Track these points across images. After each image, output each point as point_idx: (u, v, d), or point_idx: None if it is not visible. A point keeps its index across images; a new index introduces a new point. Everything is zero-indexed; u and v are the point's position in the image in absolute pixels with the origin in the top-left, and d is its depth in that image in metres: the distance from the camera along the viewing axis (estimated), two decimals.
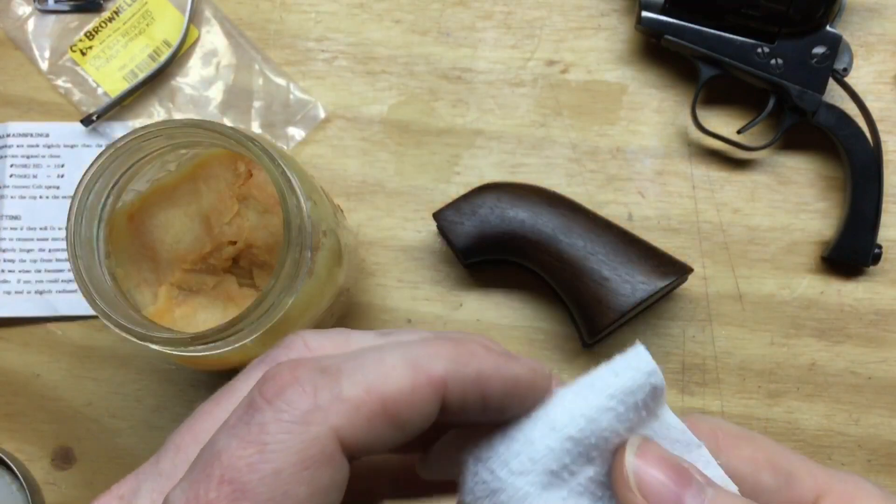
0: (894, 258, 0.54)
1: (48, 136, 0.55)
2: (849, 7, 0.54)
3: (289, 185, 0.37)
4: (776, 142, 0.53)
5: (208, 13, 0.56)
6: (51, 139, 0.55)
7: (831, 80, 0.52)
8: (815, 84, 0.52)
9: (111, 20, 0.56)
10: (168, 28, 0.56)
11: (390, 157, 0.55)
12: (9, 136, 0.55)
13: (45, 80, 0.56)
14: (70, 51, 0.56)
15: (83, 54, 0.56)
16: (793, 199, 0.54)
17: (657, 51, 0.55)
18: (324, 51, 0.56)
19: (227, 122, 0.56)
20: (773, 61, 0.52)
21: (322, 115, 0.55)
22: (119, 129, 0.55)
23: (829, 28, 0.51)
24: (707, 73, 0.53)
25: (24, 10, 0.56)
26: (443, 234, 0.52)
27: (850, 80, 0.53)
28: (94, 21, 0.56)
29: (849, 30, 0.55)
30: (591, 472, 0.24)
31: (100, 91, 0.56)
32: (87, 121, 0.54)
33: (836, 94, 0.53)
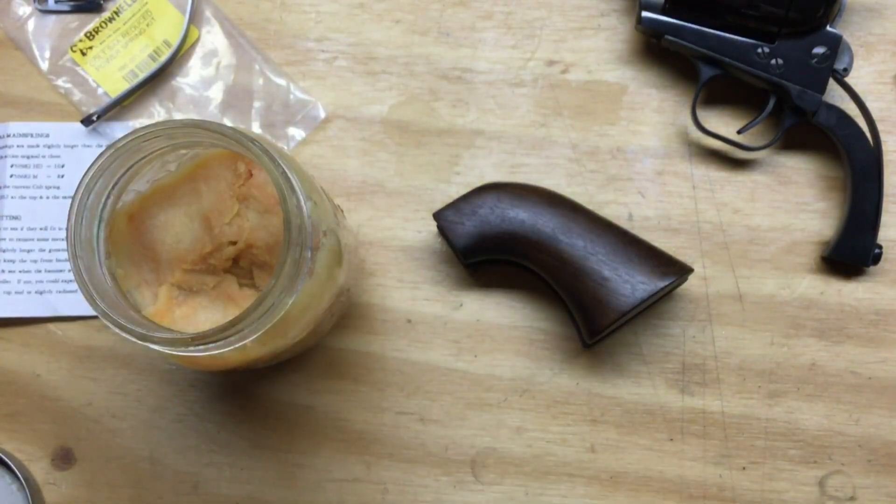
0: (894, 258, 0.54)
1: (48, 136, 0.55)
2: (849, 7, 0.54)
3: (289, 185, 0.37)
4: (776, 142, 0.53)
5: (208, 13, 0.56)
6: (51, 139, 0.55)
7: (831, 80, 0.52)
8: (815, 84, 0.52)
9: (111, 20, 0.56)
10: (168, 28, 0.56)
11: (390, 157, 0.55)
12: (9, 136, 0.55)
13: (45, 80, 0.56)
14: (70, 51, 0.56)
15: (83, 54, 0.56)
16: (793, 199, 0.54)
17: (657, 51, 0.55)
18: (324, 51, 0.56)
19: (228, 122, 0.56)
20: (774, 61, 0.52)
21: (322, 115, 0.55)
22: (119, 129, 0.55)
23: (829, 28, 0.52)
24: (707, 73, 0.53)
25: (25, 10, 0.56)
26: (443, 234, 0.52)
27: (850, 80, 0.53)
28: (94, 21, 0.56)
29: (849, 30, 0.55)
30: None
31: (100, 91, 0.56)
32: (88, 121, 0.54)
33: (836, 94, 0.53)
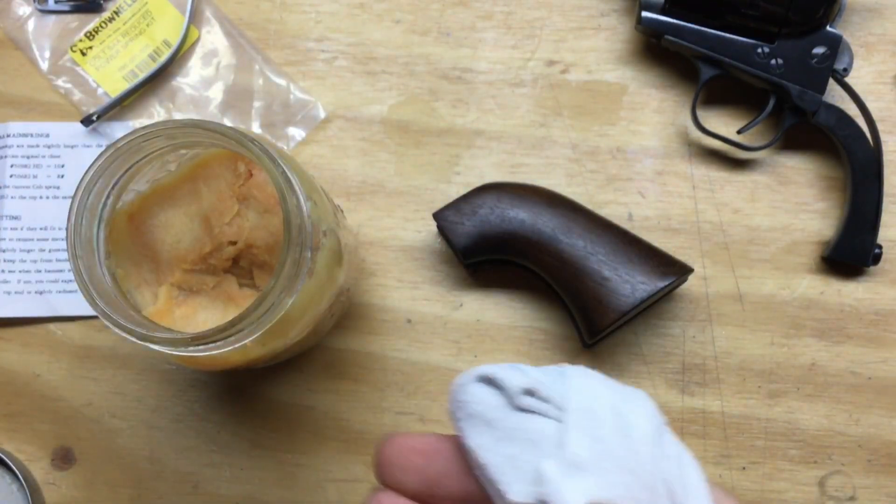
0: (894, 258, 0.54)
1: (48, 136, 0.55)
2: (849, 7, 0.54)
3: (289, 185, 0.37)
4: (776, 142, 0.53)
5: (208, 13, 0.56)
6: (51, 139, 0.55)
7: (831, 80, 0.52)
8: (815, 84, 0.52)
9: (111, 20, 0.56)
10: (168, 28, 0.56)
11: (390, 157, 0.55)
12: (9, 136, 0.55)
13: (45, 80, 0.56)
14: (70, 51, 0.56)
15: (83, 54, 0.56)
16: (793, 199, 0.54)
17: (657, 51, 0.55)
18: (324, 51, 0.56)
19: (227, 122, 0.55)
20: (773, 61, 0.52)
21: (322, 115, 0.55)
22: (119, 129, 0.55)
23: (829, 28, 0.51)
24: (707, 73, 0.53)
25: (25, 10, 0.56)
26: (443, 234, 0.52)
27: (850, 80, 0.53)
28: (94, 21, 0.56)
29: (849, 30, 0.55)
30: None
31: (100, 91, 0.56)
32: (88, 121, 0.54)
33: (836, 94, 0.53)
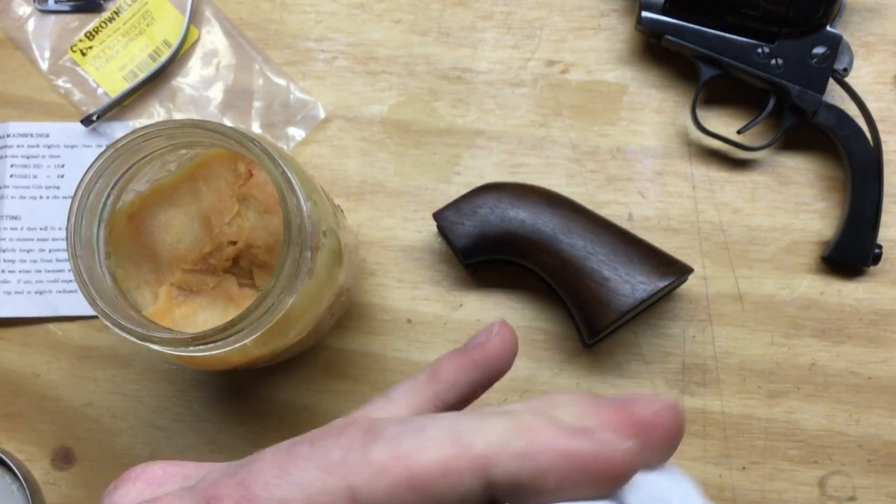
0: (894, 258, 0.54)
1: (48, 136, 0.55)
2: (849, 7, 0.54)
3: (289, 185, 0.37)
4: (776, 142, 0.53)
5: (208, 13, 0.56)
6: (51, 139, 0.55)
7: (831, 80, 0.52)
8: (815, 84, 0.52)
9: (111, 20, 0.56)
10: (168, 28, 0.56)
11: (390, 157, 0.55)
12: (9, 136, 0.55)
13: (45, 80, 0.56)
14: (70, 51, 0.56)
15: (83, 54, 0.56)
16: (793, 199, 0.54)
17: (657, 51, 0.55)
18: (324, 51, 0.56)
19: (227, 122, 0.55)
20: (773, 61, 0.52)
21: (322, 115, 0.55)
22: (119, 129, 0.55)
23: (829, 28, 0.51)
24: (707, 73, 0.53)
25: (25, 10, 0.56)
26: (443, 234, 0.52)
27: (850, 80, 0.53)
28: (94, 21, 0.56)
29: (849, 30, 0.55)
30: None
31: (100, 91, 0.56)
32: (88, 121, 0.54)
33: (836, 94, 0.53)
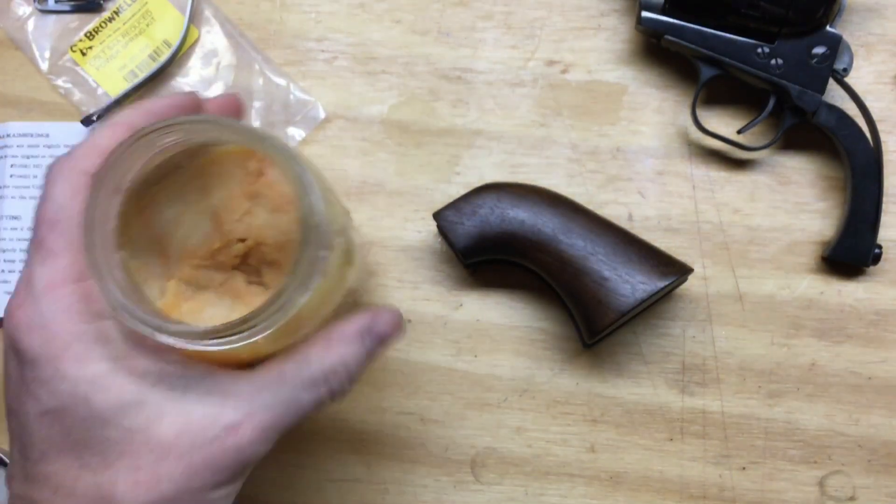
0: (894, 258, 0.54)
1: (48, 136, 0.55)
2: (849, 7, 0.54)
3: (306, 183, 0.37)
4: (776, 142, 0.53)
5: (208, 13, 0.56)
6: (51, 139, 0.55)
7: (831, 80, 0.52)
8: (815, 84, 0.52)
9: (111, 20, 0.56)
10: (168, 28, 0.56)
11: (390, 157, 0.55)
12: (9, 136, 0.55)
13: (45, 80, 0.56)
14: (70, 51, 0.56)
15: (83, 54, 0.56)
16: (793, 199, 0.54)
17: (657, 51, 0.55)
18: (324, 51, 0.56)
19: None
20: (773, 61, 0.52)
21: (322, 115, 0.55)
22: None
23: (829, 28, 0.52)
24: (707, 73, 0.53)
25: (25, 10, 0.56)
26: (443, 234, 0.52)
27: (850, 80, 0.53)
28: (94, 21, 0.56)
29: (849, 30, 0.55)
30: None
31: (100, 91, 0.56)
32: (87, 121, 0.54)
33: (836, 94, 0.53)
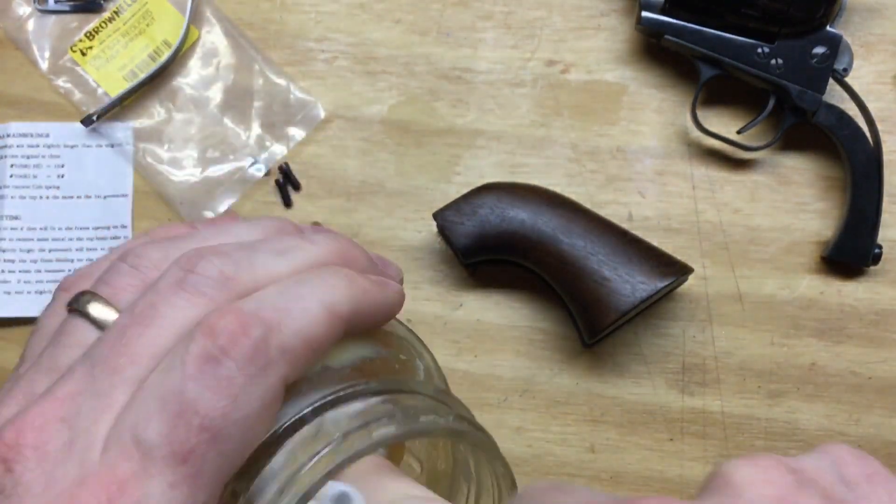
0: (894, 258, 0.54)
1: (48, 136, 0.55)
2: (849, 7, 0.54)
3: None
4: (776, 142, 0.53)
5: (208, 13, 0.56)
6: (51, 139, 0.55)
7: (831, 80, 0.52)
8: (815, 84, 0.52)
9: (111, 20, 0.56)
10: (168, 28, 0.56)
11: (390, 157, 0.55)
12: (9, 136, 0.55)
13: (45, 80, 0.56)
14: (70, 51, 0.56)
15: (83, 54, 0.56)
16: (793, 199, 0.54)
17: (657, 51, 0.55)
18: (324, 51, 0.56)
19: (228, 121, 0.55)
20: (773, 61, 0.52)
21: (322, 115, 0.55)
22: (119, 129, 0.55)
23: (829, 28, 0.51)
24: (707, 73, 0.53)
25: (24, 10, 0.56)
26: (443, 234, 0.52)
27: (850, 80, 0.53)
28: (94, 21, 0.56)
29: (849, 30, 0.55)
30: None
31: (100, 91, 0.56)
32: (88, 121, 0.54)
33: (836, 94, 0.53)
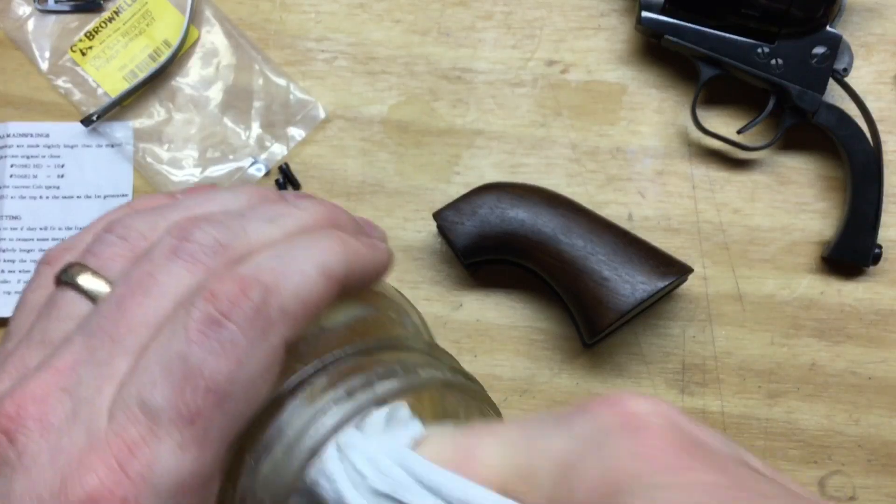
0: (894, 258, 0.54)
1: (48, 136, 0.55)
2: (849, 7, 0.54)
3: None
4: (776, 142, 0.53)
5: (208, 13, 0.56)
6: (51, 139, 0.55)
7: (831, 80, 0.52)
8: (815, 84, 0.52)
9: (111, 20, 0.56)
10: (168, 28, 0.56)
11: (390, 157, 0.55)
12: (9, 136, 0.55)
13: (45, 80, 0.56)
14: (70, 51, 0.56)
15: (83, 54, 0.56)
16: (793, 199, 0.54)
17: (657, 51, 0.55)
18: (324, 51, 0.56)
19: (227, 121, 0.55)
20: (774, 61, 0.52)
21: (322, 115, 0.55)
22: (119, 129, 0.55)
23: (829, 28, 0.51)
24: (707, 73, 0.53)
25: (25, 10, 0.56)
26: (443, 234, 0.52)
27: (850, 80, 0.53)
28: (94, 21, 0.56)
29: (849, 30, 0.55)
30: None
31: (100, 91, 0.56)
32: (87, 121, 0.54)
33: (836, 94, 0.53)
